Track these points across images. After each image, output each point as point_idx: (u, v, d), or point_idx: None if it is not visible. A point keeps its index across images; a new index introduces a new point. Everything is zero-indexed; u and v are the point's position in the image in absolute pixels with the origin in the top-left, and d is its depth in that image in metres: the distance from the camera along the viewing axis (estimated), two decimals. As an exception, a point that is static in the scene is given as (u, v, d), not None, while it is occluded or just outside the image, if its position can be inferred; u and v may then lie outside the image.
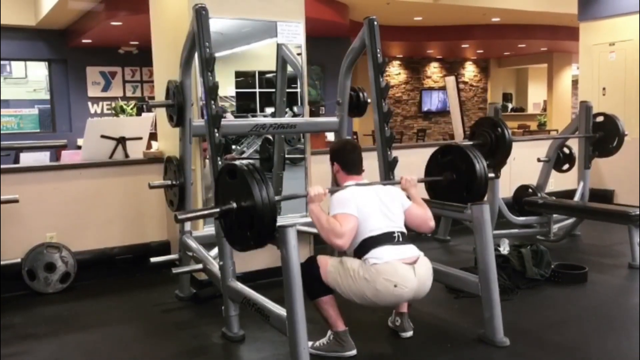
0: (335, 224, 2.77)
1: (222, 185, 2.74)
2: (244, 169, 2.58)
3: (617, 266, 4.54)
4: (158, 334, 3.40)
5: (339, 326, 2.90)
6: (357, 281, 2.77)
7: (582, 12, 7.35)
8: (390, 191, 3.06)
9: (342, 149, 3.16)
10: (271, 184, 2.63)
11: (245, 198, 2.55)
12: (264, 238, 2.61)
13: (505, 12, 10.62)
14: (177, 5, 3.95)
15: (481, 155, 3.34)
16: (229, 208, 2.61)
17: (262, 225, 2.53)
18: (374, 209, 2.89)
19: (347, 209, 2.82)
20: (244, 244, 2.69)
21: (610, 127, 5.28)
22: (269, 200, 2.51)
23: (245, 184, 2.53)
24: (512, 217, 5.26)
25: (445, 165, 3.45)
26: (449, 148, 3.53)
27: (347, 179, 3.06)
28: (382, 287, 2.74)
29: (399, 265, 2.77)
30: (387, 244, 2.82)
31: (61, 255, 4.15)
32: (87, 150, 4.73)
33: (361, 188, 2.98)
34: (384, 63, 3.70)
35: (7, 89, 12.28)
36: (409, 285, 2.77)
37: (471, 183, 3.29)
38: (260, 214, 2.50)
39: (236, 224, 2.64)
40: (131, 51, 11.55)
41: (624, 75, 6.86)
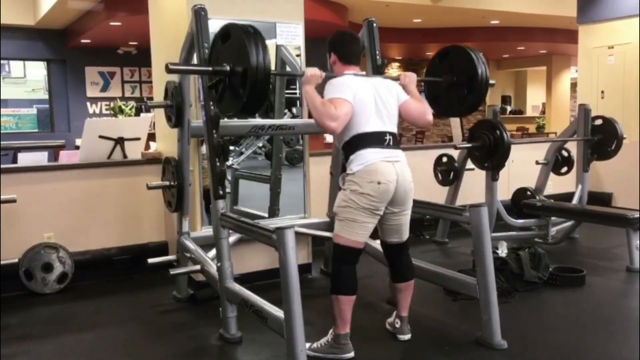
0: (330, 106, 2.73)
1: (216, 50, 2.71)
2: (241, 27, 2.54)
3: (615, 269, 4.54)
4: (155, 335, 3.39)
5: (345, 329, 2.89)
6: (354, 201, 2.80)
7: (581, 15, 7.36)
8: (388, 85, 3.01)
9: (340, 38, 3.06)
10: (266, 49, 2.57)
11: (239, 60, 2.50)
12: (256, 103, 2.57)
13: (505, 15, 10.63)
14: (176, 6, 3.95)
15: (483, 57, 3.30)
16: (222, 69, 2.57)
17: (255, 89, 2.49)
18: (370, 104, 2.86)
19: (343, 94, 2.78)
20: (234, 108, 2.64)
21: (608, 130, 5.28)
22: (265, 63, 2.48)
23: (241, 44, 2.48)
24: (510, 220, 5.26)
25: (446, 68, 3.39)
26: (450, 48, 3.46)
27: (344, 69, 2.97)
28: (369, 190, 2.78)
29: (379, 164, 2.80)
30: (376, 146, 2.84)
31: (59, 255, 4.14)
32: (85, 150, 4.72)
33: (359, 78, 2.93)
34: (383, 65, 3.70)
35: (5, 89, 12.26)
36: (391, 179, 2.81)
37: (472, 83, 3.24)
38: (254, 75, 2.46)
39: (229, 88, 2.59)
40: (130, 51, 11.55)
41: (622, 79, 6.87)
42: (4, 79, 12.47)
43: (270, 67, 2.55)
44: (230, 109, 2.73)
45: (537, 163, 5.57)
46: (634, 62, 6.71)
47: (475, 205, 3.14)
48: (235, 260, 3.23)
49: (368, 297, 3.74)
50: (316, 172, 4.39)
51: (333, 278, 2.89)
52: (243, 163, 4.66)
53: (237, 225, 3.08)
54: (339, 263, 2.89)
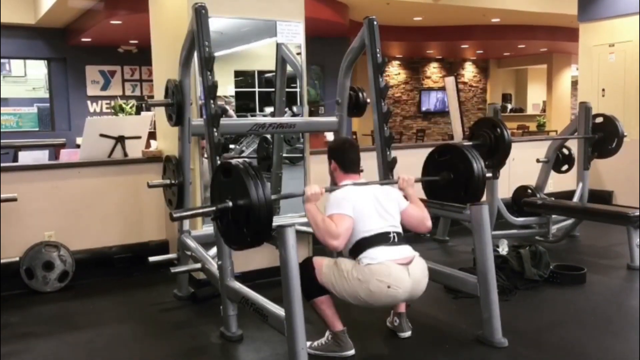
0: (331, 224, 2.76)
1: (218, 184, 2.73)
2: (239, 167, 2.57)
3: (615, 267, 4.54)
4: (156, 334, 3.40)
5: (337, 326, 2.90)
6: (351, 282, 2.77)
7: (582, 13, 7.35)
8: (387, 191, 3.06)
9: (340, 147, 3.15)
10: (268, 183, 2.61)
11: (240, 196, 2.54)
12: (260, 236, 2.61)
13: (505, 13, 10.63)
14: (177, 4, 3.95)
15: (479, 155, 3.34)
16: (225, 207, 2.60)
17: (259, 224, 2.52)
18: (370, 209, 2.88)
19: (343, 209, 2.81)
20: (241, 243, 2.68)
21: (609, 128, 5.28)
22: (265, 199, 2.50)
23: (241, 182, 2.52)
24: (511, 218, 5.26)
25: (442, 165, 3.44)
26: (447, 147, 3.52)
27: (344, 178, 3.04)
28: (375, 288, 2.74)
29: (392, 265, 2.76)
30: (382, 245, 2.82)
31: (59, 254, 4.15)
32: (86, 149, 4.72)
33: (358, 188, 2.97)
34: (383, 63, 3.69)
35: (6, 88, 12.27)
36: (403, 286, 2.76)
37: (469, 183, 3.29)
38: (257, 212, 2.49)
39: (232, 222, 2.63)
40: (131, 50, 11.55)
41: (623, 77, 6.86)
42: (5, 77, 12.48)
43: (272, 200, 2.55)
44: (236, 243, 2.73)
45: (538, 161, 5.57)
46: (634, 60, 6.69)
47: (475, 203, 3.14)
48: (235, 258, 3.23)
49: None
50: (317, 170, 4.39)
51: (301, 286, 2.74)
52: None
53: (238, 224, 3.07)
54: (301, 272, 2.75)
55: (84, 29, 9.80)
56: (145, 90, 11.91)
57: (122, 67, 11.76)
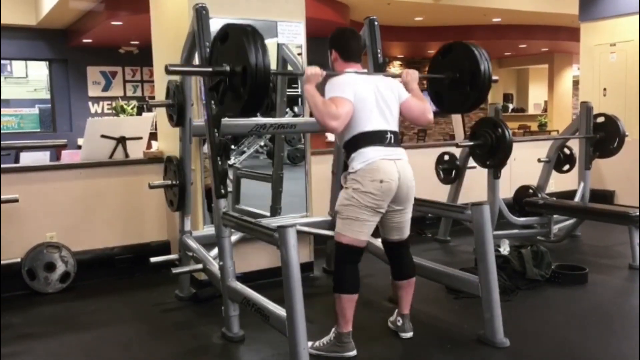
0: (331, 105, 2.74)
1: (215, 51, 2.71)
2: (239, 27, 2.53)
3: (617, 267, 4.54)
4: (158, 334, 3.40)
5: (347, 327, 2.89)
6: (355, 199, 2.81)
7: (583, 13, 7.34)
8: (389, 83, 3.01)
9: (341, 35, 3.06)
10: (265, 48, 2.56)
11: (239, 59, 2.49)
12: (256, 102, 2.57)
13: (506, 13, 10.61)
14: (178, 5, 3.95)
15: (485, 53, 3.29)
16: (222, 70, 2.56)
17: (256, 88, 2.49)
18: (371, 102, 2.86)
19: (344, 93, 2.78)
20: (235, 109, 2.64)
21: (610, 127, 5.27)
22: (264, 62, 2.48)
23: (240, 44, 2.48)
24: (512, 218, 5.26)
25: (448, 65, 3.39)
26: (451, 45, 3.45)
27: (345, 66, 2.98)
28: (371, 189, 2.79)
29: (380, 161, 2.81)
30: (377, 145, 2.84)
31: (61, 254, 4.15)
32: (87, 149, 4.72)
33: (360, 76, 2.92)
34: (384, 63, 3.70)
35: (7, 89, 12.28)
36: (393, 177, 2.82)
37: (475, 79, 3.24)
38: (254, 75, 2.46)
39: (229, 88, 2.59)
40: (132, 51, 11.56)
41: (624, 76, 6.85)
42: (6, 78, 12.50)
43: (270, 65, 2.55)
44: (231, 109, 2.72)
45: (539, 161, 5.56)
46: (635, 60, 6.69)
47: (477, 204, 3.13)
48: (237, 259, 3.23)
49: (370, 295, 3.74)
50: (318, 170, 4.39)
51: (335, 277, 2.90)
52: (245, 162, 4.67)
53: (239, 224, 3.08)
54: (341, 262, 2.89)
55: (85, 30, 9.81)
56: (147, 91, 11.92)
57: (123, 68, 11.77)
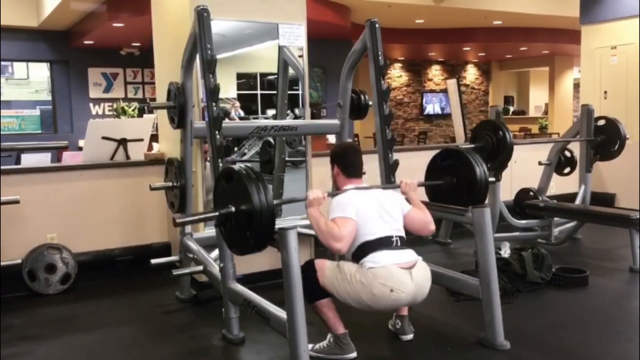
0: (334, 227, 2.76)
1: (220, 190, 2.73)
2: (242, 172, 2.58)
3: (618, 270, 4.54)
4: (158, 336, 3.40)
5: (339, 329, 2.90)
6: (354, 285, 2.76)
7: (584, 16, 7.35)
8: (390, 195, 3.06)
9: (343, 152, 3.15)
10: (270, 187, 2.62)
11: (243, 201, 2.54)
12: (263, 241, 2.61)
13: (507, 15, 10.63)
14: (179, 7, 3.96)
15: (482, 159, 3.34)
16: (228, 212, 2.60)
17: (261, 229, 2.53)
18: (373, 213, 2.88)
19: (346, 212, 2.81)
20: (244, 248, 2.68)
21: (611, 130, 5.27)
22: (268, 204, 2.51)
23: (243, 188, 2.53)
24: (513, 220, 5.25)
25: (445, 169, 3.44)
26: (450, 152, 3.53)
27: (346, 182, 3.04)
28: (378, 292, 2.73)
29: (395, 269, 2.76)
30: (385, 249, 2.81)
31: (62, 256, 4.15)
32: (88, 151, 4.73)
33: (361, 192, 2.97)
34: (385, 65, 3.70)
35: (9, 90, 12.30)
36: (406, 290, 2.76)
37: (472, 187, 3.29)
38: (259, 217, 2.49)
39: (236, 228, 2.63)
40: (133, 52, 11.57)
41: (625, 79, 6.85)
42: (8, 80, 12.51)
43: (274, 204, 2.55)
44: (239, 248, 2.73)
45: (540, 164, 5.56)
46: (636, 63, 6.68)
47: (478, 206, 3.14)
48: (237, 260, 3.23)
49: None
50: (319, 172, 4.39)
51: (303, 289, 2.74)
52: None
53: (240, 226, 3.07)
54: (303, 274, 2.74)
55: (87, 32, 9.83)
56: (148, 93, 11.94)
57: (124, 69, 11.79)
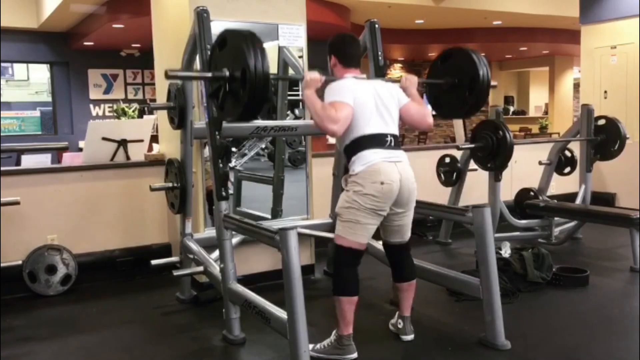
0: (331, 109, 2.75)
1: (214, 57, 2.71)
2: (237, 32, 2.55)
3: (618, 269, 4.54)
4: (158, 337, 3.40)
5: (348, 330, 2.89)
6: (357, 202, 2.80)
7: (583, 15, 7.35)
8: (389, 88, 3.02)
9: (340, 40, 3.08)
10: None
11: (238, 63, 2.50)
12: (256, 106, 2.58)
13: (507, 15, 10.63)
14: (179, 8, 3.96)
15: (484, 59, 3.29)
16: (221, 75, 2.56)
17: (255, 92, 2.50)
18: (371, 106, 2.87)
19: (343, 97, 2.79)
20: (235, 113, 2.65)
21: (611, 130, 5.27)
22: (263, 67, 2.49)
23: (239, 49, 2.48)
24: (513, 220, 5.25)
25: (447, 70, 3.41)
26: (450, 51, 3.47)
27: (344, 72, 2.99)
28: (373, 191, 2.78)
29: (381, 164, 2.80)
30: (377, 147, 2.84)
31: (62, 257, 4.15)
32: (88, 152, 4.73)
33: (359, 81, 2.94)
34: (385, 66, 3.70)
35: (9, 91, 12.30)
36: (395, 179, 2.81)
37: (474, 84, 3.25)
38: (253, 79, 2.46)
39: (229, 93, 2.59)
40: (133, 54, 11.58)
41: (625, 79, 6.86)
42: (8, 81, 12.51)
43: (269, 68, 2.55)
44: (231, 114, 2.73)
45: (540, 163, 5.56)
46: (636, 62, 6.69)
47: (478, 206, 3.14)
48: (238, 261, 3.23)
49: (371, 298, 3.74)
50: (319, 173, 4.40)
51: (335, 279, 2.90)
52: (246, 164, 4.66)
53: (240, 227, 3.08)
54: (340, 264, 2.89)
55: (87, 33, 9.83)
56: (148, 94, 11.94)
57: (124, 70, 11.79)
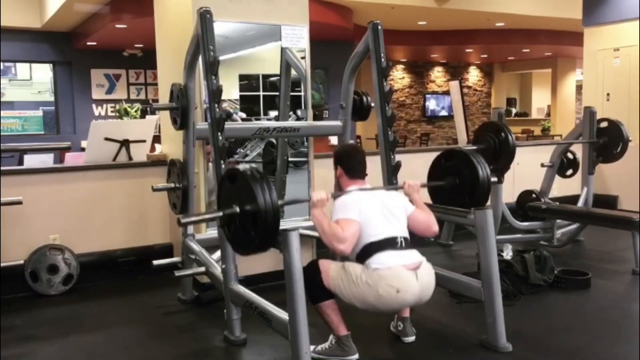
0: (337, 228, 2.77)
1: (224, 190, 2.73)
2: (246, 173, 2.58)
3: (620, 272, 4.53)
4: (160, 337, 3.40)
5: (341, 331, 2.90)
6: (360, 286, 2.76)
7: (586, 18, 7.35)
8: (393, 196, 3.06)
9: (346, 153, 3.15)
10: (274, 187, 2.62)
11: (247, 201, 2.54)
12: (268, 241, 2.61)
13: (510, 17, 10.62)
14: (182, 9, 3.96)
15: (484, 161, 3.34)
16: (232, 212, 2.61)
17: (266, 229, 2.53)
18: (377, 214, 2.88)
19: (349, 214, 2.82)
20: (247, 248, 2.68)
21: (614, 132, 5.26)
22: (272, 204, 2.51)
23: (248, 188, 2.53)
24: (515, 222, 5.24)
25: (448, 170, 3.45)
26: (453, 153, 3.53)
27: (350, 183, 3.04)
28: (384, 293, 2.73)
29: (401, 270, 2.76)
30: (390, 249, 2.81)
31: (64, 257, 4.15)
32: (90, 152, 4.74)
33: (364, 193, 2.97)
34: (387, 67, 3.69)
35: (11, 91, 12.33)
36: (411, 291, 2.76)
37: (474, 188, 3.29)
38: (264, 217, 2.49)
39: (240, 228, 2.63)
40: (135, 54, 11.59)
41: (628, 81, 6.85)
42: (10, 81, 12.54)
43: (278, 203, 2.54)
44: (243, 247, 2.74)
45: (542, 165, 5.55)
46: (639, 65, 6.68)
47: (480, 208, 3.13)
48: (239, 262, 3.23)
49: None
50: (321, 174, 4.39)
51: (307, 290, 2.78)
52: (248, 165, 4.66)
53: (242, 228, 3.08)
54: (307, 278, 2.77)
55: (90, 33, 9.84)
56: (150, 94, 11.95)
57: (127, 70, 11.81)
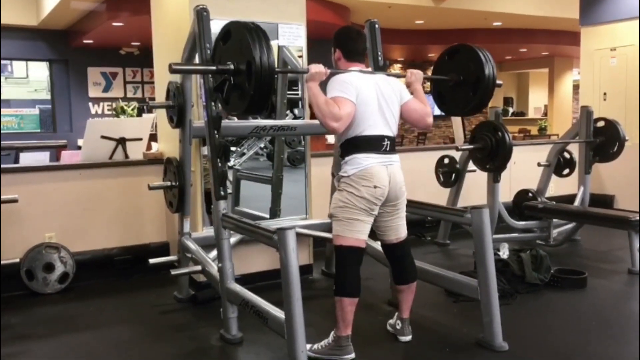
0: (334, 106, 2.74)
1: (218, 53, 2.70)
2: (241, 24, 2.53)
3: (616, 271, 4.54)
4: (156, 336, 3.39)
5: (346, 331, 2.88)
6: (351, 201, 2.82)
7: (583, 17, 7.35)
8: (391, 83, 3.01)
9: (346, 34, 3.05)
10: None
11: (243, 54, 2.49)
12: (262, 97, 2.56)
13: (507, 17, 10.63)
14: (179, 7, 3.96)
15: (491, 57, 3.28)
16: (226, 68, 2.56)
17: (261, 83, 2.49)
18: (373, 104, 2.86)
19: (346, 93, 2.78)
20: (241, 104, 2.64)
21: (610, 132, 5.27)
22: (268, 61, 2.48)
23: (243, 39, 2.47)
24: (512, 222, 5.25)
25: (453, 67, 3.40)
26: (457, 47, 3.45)
27: (349, 65, 2.96)
28: (365, 193, 2.81)
29: (374, 168, 2.83)
30: (373, 152, 2.86)
31: (60, 255, 4.14)
32: (87, 150, 4.73)
33: (363, 75, 2.92)
34: (385, 66, 3.69)
35: (8, 89, 12.29)
36: (385, 183, 2.85)
37: (478, 84, 3.24)
38: (259, 72, 2.46)
39: (234, 87, 2.59)
40: (132, 52, 11.57)
41: (625, 81, 6.86)
42: (7, 79, 12.50)
43: (274, 61, 2.54)
44: (237, 107, 2.71)
45: (539, 165, 5.56)
46: (636, 64, 6.69)
47: (476, 207, 3.14)
48: (236, 261, 3.23)
49: (369, 298, 3.73)
50: (318, 173, 4.39)
51: (337, 280, 2.89)
52: (245, 164, 4.66)
53: (239, 226, 3.08)
54: (342, 265, 2.88)
55: (86, 31, 9.82)
56: (147, 92, 11.94)
57: (123, 69, 11.78)
